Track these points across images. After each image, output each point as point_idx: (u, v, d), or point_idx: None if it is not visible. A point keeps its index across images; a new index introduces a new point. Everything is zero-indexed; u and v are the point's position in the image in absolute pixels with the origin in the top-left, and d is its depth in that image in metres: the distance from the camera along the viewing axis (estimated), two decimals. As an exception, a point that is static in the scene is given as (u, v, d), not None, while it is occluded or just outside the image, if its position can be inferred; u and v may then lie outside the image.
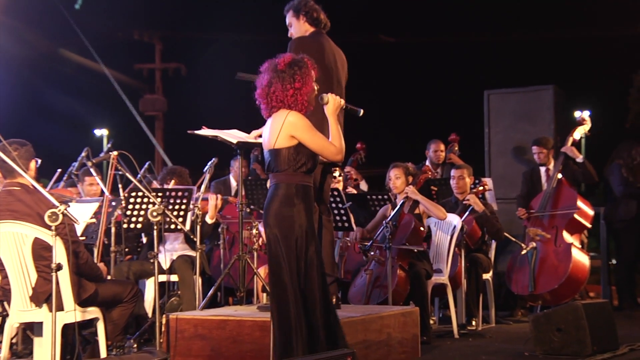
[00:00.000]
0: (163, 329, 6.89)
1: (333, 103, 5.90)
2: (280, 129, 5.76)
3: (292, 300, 5.68)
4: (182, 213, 8.40)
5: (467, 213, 9.54)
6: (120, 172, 8.00)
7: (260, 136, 7.30)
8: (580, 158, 10.53)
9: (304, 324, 5.66)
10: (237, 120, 8.21)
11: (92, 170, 8.41)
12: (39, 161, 6.60)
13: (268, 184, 6.19)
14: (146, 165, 9.53)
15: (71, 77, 22.14)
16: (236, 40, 24.56)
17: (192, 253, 8.64)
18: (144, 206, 8.37)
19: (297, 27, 7.58)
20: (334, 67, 7.44)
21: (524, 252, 9.85)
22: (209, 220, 8.90)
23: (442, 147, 11.79)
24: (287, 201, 5.73)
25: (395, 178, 9.18)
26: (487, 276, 9.80)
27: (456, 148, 12.05)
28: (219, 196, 9.00)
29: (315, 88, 5.91)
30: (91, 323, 6.84)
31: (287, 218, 5.71)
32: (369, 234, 9.20)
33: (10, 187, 6.39)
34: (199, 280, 8.35)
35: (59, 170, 9.37)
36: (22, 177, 6.28)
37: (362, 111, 6.14)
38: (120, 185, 8.25)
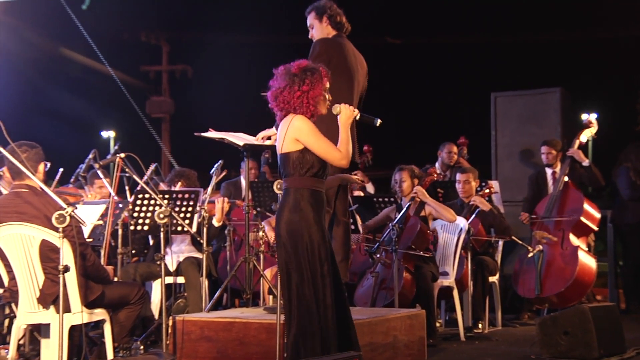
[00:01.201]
0: (169, 330, 6.92)
1: (345, 113, 5.88)
2: (286, 133, 5.79)
3: (301, 304, 5.70)
4: (188, 215, 8.43)
5: (473, 215, 9.56)
6: (127, 174, 8.04)
7: (268, 138, 7.36)
8: (586, 162, 10.53)
9: (316, 328, 5.67)
10: (243, 122, 8.24)
11: (99, 172, 8.44)
12: (48, 164, 6.64)
13: (275, 187, 6.18)
14: (153, 167, 9.56)
15: (78, 79, 22.24)
16: (242, 42, 24.63)
17: (198, 255, 8.68)
18: (150, 208, 8.39)
19: (320, 30, 7.63)
20: (355, 70, 7.51)
21: (530, 254, 9.84)
22: (215, 223, 8.94)
23: (456, 149, 11.83)
24: (296, 207, 5.74)
25: (402, 181, 9.24)
26: (494, 279, 9.81)
27: (465, 151, 12.10)
28: (226, 199, 9.02)
29: (327, 97, 5.89)
30: (98, 325, 6.89)
31: (295, 223, 5.73)
32: (368, 229, 9.24)
33: (18, 189, 6.42)
34: (205, 282, 8.35)
35: (62, 169, 9.38)
36: (30, 179, 6.30)
37: (379, 121, 6.03)
38: (127, 187, 8.28)
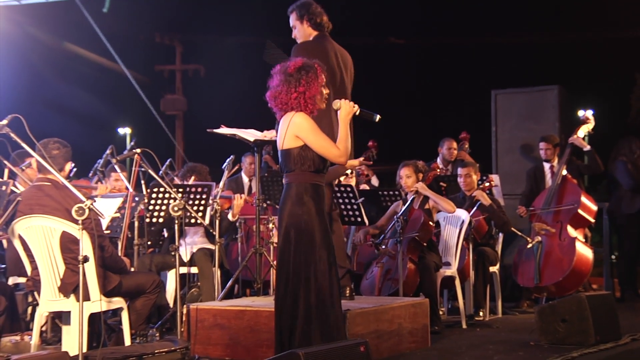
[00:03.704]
0: (184, 318, 7.08)
1: (344, 109, 5.99)
2: (287, 130, 5.91)
3: (296, 293, 5.82)
4: (201, 208, 8.55)
5: (474, 208, 9.63)
6: (143, 169, 8.14)
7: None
8: (587, 147, 10.64)
9: (313, 317, 5.79)
10: (253, 119, 8.39)
11: (116, 167, 8.56)
12: (73, 165, 6.86)
13: (284, 181, 6.37)
14: (167, 162, 9.67)
15: (96, 79, 22.39)
16: (252, 42, 24.77)
17: (211, 246, 8.79)
18: (165, 201, 8.52)
19: (301, 31, 7.66)
20: (338, 70, 7.51)
21: (529, 245, 9.93)
22: (231, 217, 9.09)
23: (455, 144, 11.91)
24: (298, 200, 5.86)
25: (406, 177, 9.28)
26: (494, 269, 9.91)
27: (467, 146, 12.19)
28: (243, 195, 9.15)
29: (324, 92, 6.00)
30: (116, 313, 7.06)
31: (298, 216, 5.85)
32: (377, 229, 9.33)
33: (41, 182, 6.62)
34: (217, 272, 8.48)
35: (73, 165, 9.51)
36: (53, 174, 6.51)
37: (378, 116, 6.09)
38: (142, 182, 8.39)
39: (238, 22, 23.39)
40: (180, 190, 8.51)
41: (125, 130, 28.76)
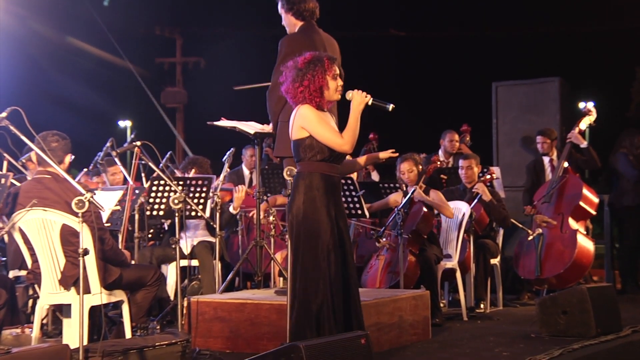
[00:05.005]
0: (184, 311, 7.09)
1: (356, 99, 5.98)
2: (293, 122, 5.97)
3: (307, 286, 5.82)
4: (202, 201, 8.55)
5: (475, 200, 9.63)
6: (143, 162, 8.15)
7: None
8: (584, 144, 10.64)
9: (327, 307, 5.78)
10: (253, 111, 8.40)
11: (116, 159, 8.56)
12: (73, 157, 6.87)
13: (284, 173, 6.37)
14: (168, 155, 9.66)
15: (96, 72, 22.43)
16: (251, 35, 24.83)
17: (212, 239, 8.79)
18: (166, 194, 8.51)
19: (287, 21, 7.62)
20: None
21: (530, 237, 9.95)
22: (232, 210, 9.10)
23: (457, 137, 11.86)
24: (306, 191, 5.88)
25: (408, 172, 9.23)
26: (495, 261, 9.90)
27: (467, 138, 12.18)
28: (244, 187, 9.17)
29: (334, 83, 5.99)
30: (117, 305, 7.05)
31: (306, 207, 5.87)
32: (371, 210, 9.31)
33: (41, 175, 6.61)
34: (218, 265, 8.49)
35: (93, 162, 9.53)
36: (53, 167, 6.50)
37: (392, 106, 6.05)
38: (143, 174, 8.40)
39: (238, 14, 23.42)
40: (181, 183, 8.51)
41: (125, 123, 28.79)
